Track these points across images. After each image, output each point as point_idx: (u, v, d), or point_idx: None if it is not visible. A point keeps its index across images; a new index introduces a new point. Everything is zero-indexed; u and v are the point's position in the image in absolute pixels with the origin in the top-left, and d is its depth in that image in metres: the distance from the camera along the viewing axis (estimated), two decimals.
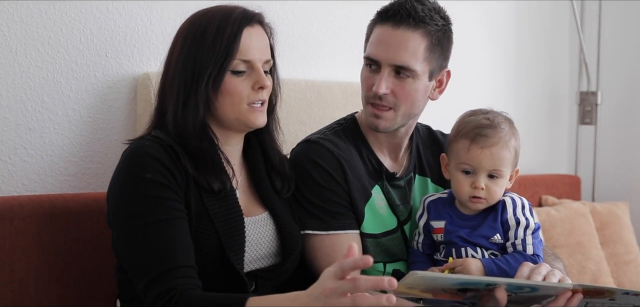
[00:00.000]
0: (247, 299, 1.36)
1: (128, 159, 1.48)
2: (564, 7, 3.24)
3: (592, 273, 2.75)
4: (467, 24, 2.77)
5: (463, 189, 1.65)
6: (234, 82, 1.51)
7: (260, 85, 1.53)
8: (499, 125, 1.64)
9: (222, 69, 1.50)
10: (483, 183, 1.63)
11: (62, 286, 1.72)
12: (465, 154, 1.64)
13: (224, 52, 1.49)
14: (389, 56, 1.67)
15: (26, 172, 1.81)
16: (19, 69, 1.78)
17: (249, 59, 1.52)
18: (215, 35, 1.49)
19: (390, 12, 1.68)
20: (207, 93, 1.49)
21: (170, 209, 1.44)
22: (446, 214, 1.68)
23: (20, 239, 1.66)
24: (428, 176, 1.84)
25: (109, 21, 1.91)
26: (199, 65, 1.49)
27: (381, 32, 1.69)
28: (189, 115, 1.50)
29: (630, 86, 3.20)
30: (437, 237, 1.68)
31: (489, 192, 1.63)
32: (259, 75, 1.53)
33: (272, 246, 1.61)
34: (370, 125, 1.73)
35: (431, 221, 1.70)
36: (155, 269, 1.40)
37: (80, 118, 1.88)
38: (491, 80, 3.00)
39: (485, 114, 1.67)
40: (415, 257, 1.73)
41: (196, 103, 1.49)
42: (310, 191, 1.70)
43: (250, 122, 1.55)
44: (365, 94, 1.73)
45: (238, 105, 1.52)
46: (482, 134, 1.63)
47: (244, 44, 1.51)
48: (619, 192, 3.17)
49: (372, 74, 1.71)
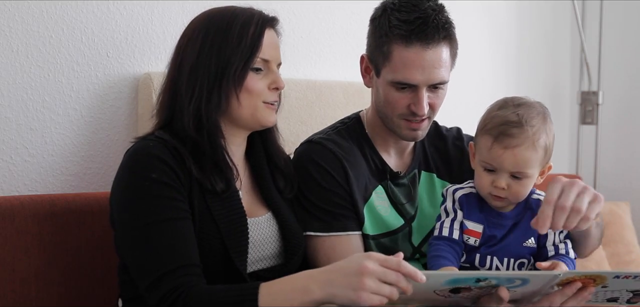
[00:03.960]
0: (259, 285, 1.35)
1: (132, 159, 1.48)
2: (565, 7, 3.24)
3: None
4: (468, 24, 2.77)
5: (484, 186, 1.57)
6: (254, 80, 1.54)
7: (276, 86, 1.57)
8: (528, 122, 1.52)
9: (246, 65, 1.52)
10: (504, 183, 1.54)
11: (63, 285, 1.72)
12: (487, 153, 1.54)
13: (248, 49, 1.52)
14: (427, 79, 1.63)
15: (27, 171, 1.81)
16: (20, 68, 1.78)
17: (267, 59, 1.56)
18: (240, 32, 1.52)
19: (415, 30, 1.61)
20: (234, 87, 1.51)
21: (175, 209, 1.44)
22: (482, 214, 1.59)
23: (22, 239, 1.66)
24: (433, 171, 1.83)
25: (110, 21, 1.91)
26: (224, 60, 1.51)
27: (411, 55, 1.62)
28: (212, 109, 1.51)
29: (632, 86, 3.20)
30: (468, 239, 1.59)
31: (511, 192, 1.54)
32: (276, 76, 1.57)
33: (275, 246, 1.61)
34: (406, 138, 1.73)
35: (466, 219, 1.60)
36: (160, 268, 1.40)
37: (81, 118, 1.88)
38: (492, 80, 3.00)
39: (517, 107, 1.54)
40: (439, 250, 1.58)
41: (220, 97, 1.51)
42: (311, 191, 1.69)
43: (264, 120, 1.57)
44: (399, 112, 1.68)
45: (255, 102, 1.55)
46: (507, 133, 1.51)
47: (265, 44, 1.55)
48: (620, 192, 3.18)
49: (403, 94, 1.66)
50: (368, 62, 1.74)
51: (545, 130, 1.55)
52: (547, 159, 1.58)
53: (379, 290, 1.24)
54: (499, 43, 3.04)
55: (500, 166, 1.54)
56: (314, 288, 1.29)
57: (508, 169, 1.53)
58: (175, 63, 1.55)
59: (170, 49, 1.60)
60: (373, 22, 1.71)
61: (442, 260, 1.55)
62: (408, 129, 1.70)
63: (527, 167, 1.53)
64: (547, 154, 1.56)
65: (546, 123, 1.56)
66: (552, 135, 1.57)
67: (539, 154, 1.53)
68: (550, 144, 1.56)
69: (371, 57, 1.71)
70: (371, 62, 1.72)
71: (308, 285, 1.30)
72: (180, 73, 1.54)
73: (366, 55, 1.74)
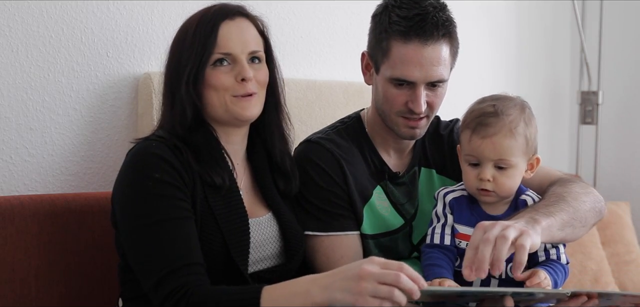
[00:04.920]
0: (261, 288, 1.35)
1: (135, 159, 1.48)
2: (565, 6, 3.24)
3: (593, 273, 2.75)
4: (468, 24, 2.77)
5: (470, 182, 1.57)
6: (216, 75, 1.53)
7: (242, 77, 1.53)
8: (504, 112, 1.53)
9: (201, 64, 1.52)
10: (489, 175, 1.53)
11: (63, 285, 1.72)
12: (467, 146, 1.56)
13: (201, 48, 1.52)
14: (425, 76, 1.63)
15: (27, 171, 1.81)
16: (20, 68, 1.78)
17: (229, 52, 1.53)
18: (194, 34, 1.53)
19: (413, 27, 1.61)
20: (189, 91, 1.52)
21: (179, 208, 1.45)
22: (473, 220, 1.55)
23: (22, 239, 1.66)
24: (433, 167, 1.82)
25: (110, 21, 1.91)
26: (180, 65, 1.53)
27: (410, 51, 1.62)
28: (177, 116, 1.52)
29: (631, 86, 3.20)
30: (460, 243, 1.58)
31: (497, 184, 1.54)
32: (241, 67, 1.54)
33: (276, 246, 1.61)
34: (404, 136, 1.72)
35: (456, 223, 1.59)
36: (165, 267, 1.40)
37: (81, 118, 1.88)
38: (492, 79, 3.00)
39: (494, 100, 1.57)
40: (432, 258, 1.56)
41: (182, 102, 1.52)
42: (309, 191, 1.69)
43: (236, 114, 1.55)
44: (397, 109, 1.68)
45: (223, 96, 1.53)
46: (483, 123, 1.53)
47: (222, 37, 1.53)
48: (620, 192, 3.18)
49: (402, 91, 1.66)
50: (368, 58, 1.74)
51: (523, 120, 1.55)
52: (531, 150, 1.58)
53: (377, 292, 1.23)
54: (499, 43, 3.04)
55: (482, 156, 1.54)
56: (315, 292, 1.29)
57: (489, 158, 1.54)
58: (165, 66, 1.60)
59: None
60: (374, 19, 1.71)
61: (437, 269, 1.54)
62: (406, 126, 1.70)
63: (508, 154, 1.53)
64: (530, 144, 1.56)
65: (524, 113, 1.57)
66: (533, 127, 1.57)
67: (519, 142, 1.54)
68: (531, 135, 1.56)
69: (371, 53, 1.72)
70: (371, 58, 1.72)
71: (309, 289, 1.30)
72: (166, 77, 1.58)
73: (367, 52, 1.74)
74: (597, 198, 1.66)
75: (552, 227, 1.47)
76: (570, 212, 1.54)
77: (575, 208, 1.56)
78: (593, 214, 1.63)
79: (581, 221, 1.57)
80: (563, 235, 1.52)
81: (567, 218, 1.53)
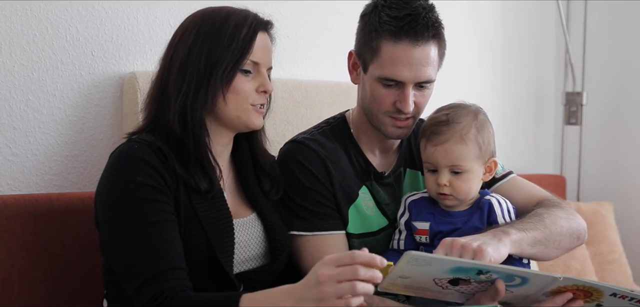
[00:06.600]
0: (239, 297, 1.35)
1: (117, 162, 1.48)
2: (550, 7, 3.25)
3: (576, 272, 2.77)
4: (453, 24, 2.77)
5: (430, 187, 1.66)
6: (242, 81, 1.54)
7: (264, 89, 1.57)
8: (455, 120, 1.61)
9: (236, 66, 1.53)
10: (446, 180, 1.61)
11: (46, 286, 1.71)
12: (424, 152, 1.65)
13: (239, 50, 1.53)
14: (414, 76, 1.64)
15: (10, 171, 1.79)
16: (3, 67, 1.76)
17: (257, 62, 1.56)
18: (232, 33, 1.53)
19: (404, 26, 1.62)
20: (221, 87, 1.52)
21: (161, 212, 1.44)
22: (429, 214, 1.66)
23: (4, 239, 1.65)
24: (419, 168, 1.83)
25: (95, 20, 1.90)
26: (214, 59, 1.51)
27: (399, 51, 1.63)
28: (198, 106, 1.51)
29: (616, 87, 3.22)
30: (420, 238, 1.66)
31: (454, 188, 1.62)
32: (264, 79, 1.57)
33: (261, 247, 1.61)
34: (391, 135, 1.73)
35: (414, 221, 1.68)
36: (147, 271, 1.40)
37: (65, 117, 1.87)
38: (478, 80, 3.01)
39: (448, 110, 1.64)
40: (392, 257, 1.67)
41: (207, 95, 1.51)
42: (295, 191, 1.70)
43: (250, 122, 1.57)
44: (385, 109, 1.68)
45: (242, 103, 1.55)
46: (435, 131, 1.62)
47: (257, 46, 1.55)
48: (604, 192, 3.20)
49: (390, 90, 1.66)
50: (356, 58, 1.74)
51: (474, 126, 1.62)
52: (486, 155, 1.64)
53: (339, 292, 1.23)
54: (485, 43, 3.05)
55: (436, 162, 1.62)
56: (289, 304, 1.30)
57: (443, 164, 1.61)
58: (167, 58, 1.56)
59: (156, 49, 1.60)
60: (363, 18, 1.72)
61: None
62: (393, 126, 1.71)
63: (460, 160, 1.61)
64: (483, 149, 1.63)
65: (477, 120, 1.63)
66: (486, 132, 1.64)
67: (471, 148, 1.61)
68: (485, 140, 1.63)
69: (359, 53, 1.72)
70: (359, 58, 1.72)
71: (284, 301, 1.31)
72: (170, 68, 1.54)
73: (354, 51, 1.75)
74: (579, 224, 1.72)
75: (522, 242, 1.54)
76: (546, 232, 1.61)
77: (551, 230, 1.62)
78: (569, 238, 1.68)
79: (554, 243, 1.64)
80: (534, 251, 1.59)
81: (540, 237, 1.59)
